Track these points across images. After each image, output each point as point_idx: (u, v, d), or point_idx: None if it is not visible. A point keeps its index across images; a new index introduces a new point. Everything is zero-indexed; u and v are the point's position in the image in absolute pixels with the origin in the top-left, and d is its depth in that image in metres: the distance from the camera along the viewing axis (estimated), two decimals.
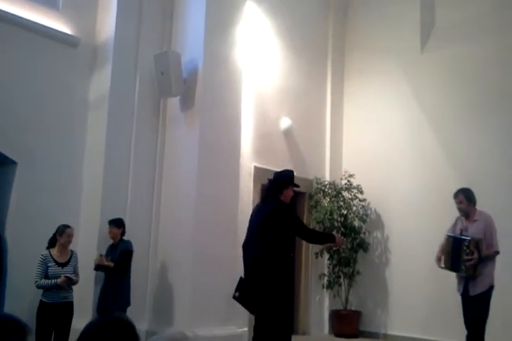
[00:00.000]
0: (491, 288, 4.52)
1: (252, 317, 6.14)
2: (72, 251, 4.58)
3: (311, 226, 7.06)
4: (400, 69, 7.08)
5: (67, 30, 5.61)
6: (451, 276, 4.67)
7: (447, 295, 5.18)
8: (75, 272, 4.51)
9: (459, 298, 4.64)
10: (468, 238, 4.49)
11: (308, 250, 7.04)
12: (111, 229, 5.15)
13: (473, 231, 4.58)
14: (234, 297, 4.31)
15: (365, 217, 7.03)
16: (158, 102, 6.04)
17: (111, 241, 5.17)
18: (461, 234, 4.62)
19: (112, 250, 5.11)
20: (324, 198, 7.05)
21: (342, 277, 6.94)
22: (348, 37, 7.81)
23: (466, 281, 4.55)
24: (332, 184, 7.14)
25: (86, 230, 5.36)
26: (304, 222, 7.09)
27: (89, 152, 5.66)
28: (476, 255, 4.42)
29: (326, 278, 6.99)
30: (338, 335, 6.70)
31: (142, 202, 5.79)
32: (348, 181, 7.13)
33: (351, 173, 7.12)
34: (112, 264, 4.93)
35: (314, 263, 7.02)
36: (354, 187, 7.09)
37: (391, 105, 7.15)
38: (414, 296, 6.36)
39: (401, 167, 6.84)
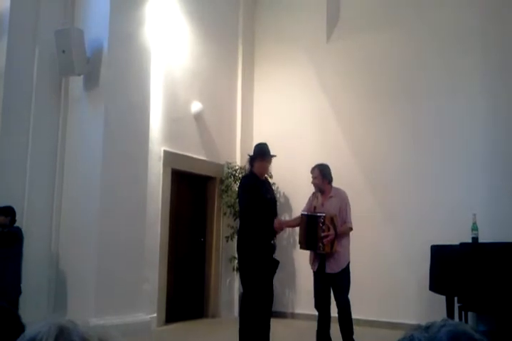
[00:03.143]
0: (348, 264, 4.62)
1: (161, 303, 6.11)
2: None
3: (222, 211, 7.11)
4: (306, 57, 7.35)
5: None
6: (353, 254, 4.81)
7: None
8: None
9: (358, 275, 4.84)
10: (323, 214, 4.51)
11: (219, 233, 7.07)
12: None
13: (329, 207, 4.63)
14: None
15: None
16: (59, 81, 5.71)
17: None
18: (315, 211, 4.66)
19: None
20: (235, 182, 7.08)
21: None
22: (258, 25, 7.96)
23: (323, 259, 4.60)
24: (243, 168, 7.18)
25: None
26: (215, 206, 7.13)
27: None
28: (332, 230, 4.45)
29: (236, 261, 7.06)
30: None
31: (42, 188, 5.48)
32: None
33: None
34: None
35: (225, 247, 7.07)
36: None
37: (299, 92, 7.38)
38: None
39: (307, 151, 7.07)
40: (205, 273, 7.02)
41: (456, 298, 4.94)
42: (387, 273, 6.28)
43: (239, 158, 7.45)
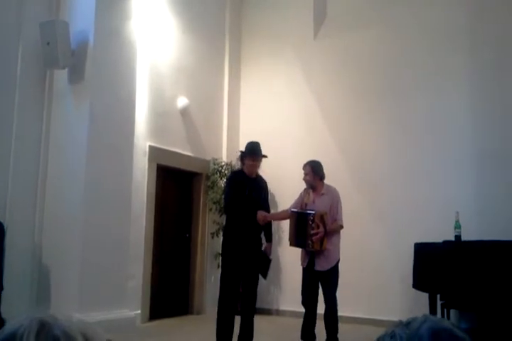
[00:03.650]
0: (338, 262, 4.67)
1: (145, 299, 6.09)
2: None
3: (207, 207, 7.09)
4: (293, 54, 7.37)
5: None
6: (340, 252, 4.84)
7: None
8: None
9: (344, 272, 4.86)
10: (313, 212, 4.52)
11: (204, 229, 7.05)
12: None
13: (320, 205, 4.64)
14: None
15: None
16: (44, 74, 5.63)
17: None
18: (305, 208, 4.67)
19: None
20: (221, 179, 7.06)
21: None
22: (245, 22, 7.96)
23: (312, 256, 4.63)
24: (229, 165, 7.17)
25: None
26: (201, 202, 7.10)
27: None
28: (321, 228, 4.46)
29: (221, 258, 7.04)
30: None
31: (25, 182, 5.40)
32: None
33: None
34: None
35: (210, 243, 7.05)
36: None
37: (286, 88, 7.38)
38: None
39: (294, 148, 7.10)
40: (190, 269, 7.00)
41: (438, 296, 4.98)
42: (373, 270, 6.32)
43: (225, 154, 7.43)
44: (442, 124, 6.24)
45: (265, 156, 4.75)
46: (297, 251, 6.82)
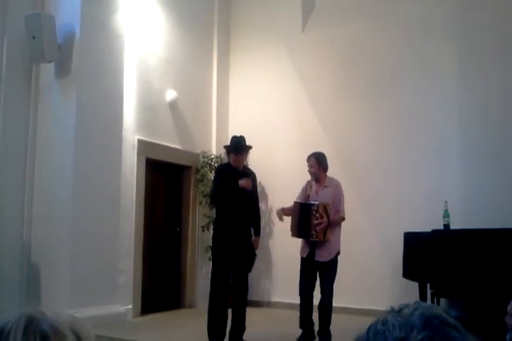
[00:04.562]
0: (338, 254, 4.75)
1: (136, 294, 6.08)
2: None
3: (197, 200, 7.07)
4: (282, 46, 7.34)
5: None
6: None
7: None
8: None
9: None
10: (317, 202, 4.60)
11: (194, 223, 7.04)
12: None
13: (323, 197, 4.72)
14: None
15: None
16: (30, 68, 5.56)
17: None
18: (308, 199, 4.74)
19: None
20: (210, 172, 7.04)
21: None
22: (233, 13, 7.91)
23: (313, 246, 4.69)
24: (218, 158, 7.15)
25: None
26: (191, 195, 7.08)
27: None
28: (325, 218, 4.55)
29: (211, 251, 7.04)
30: None
31: (13, 178, 5.35)
32: None
33: None
34: None
35: (201, 237, 7.04)
36: None
37: (274, 81, 7.37)
38: (295, 264, 6.64)
39: (283, 141, 7.12)
40: (181, 263, 7.00)
41: (428, 285, 5.03)
42: (363, 260, 6.35)
43: (214, 147, 7.40)
44: (428, 114, 6.28)
45: (250, 147, 4.78)
46: (289, 244, 6.86)
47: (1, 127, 5.27)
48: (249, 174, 4.79)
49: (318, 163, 4.80)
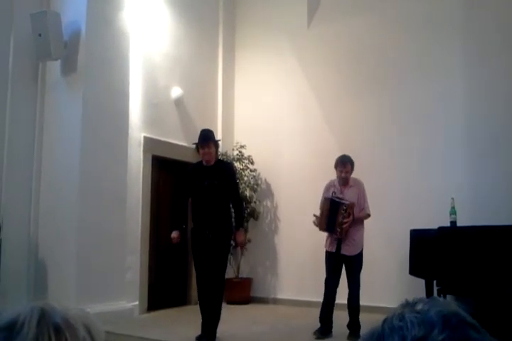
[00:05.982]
0: (362, 249, 4.93)
1: (143, 290, 6.10)
2: None
3: None
4: (288, 43, 7.33)
5: None
6: None
7: None
8: None
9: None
10: (347, 202, 4.79)
11: None
12: None
13: (348, 196, 4.89)
14: None
15: (256, 186, 7.17)
16: (36, 66, 5.58)
17: None
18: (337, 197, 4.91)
19: None
20: None
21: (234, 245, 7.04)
22: (239, 10, 7.90)
23: (339, 242, 4.87)
24: (224, 155, 7.16)
25: None
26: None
27: None
28: (351, 217, 4.75)
29: None
30: (230, 303, 6.84)
31: (20, 176, 5.38)
32: (240, 152, 7.21)
33: (242, 144, 7.22)
34: None
35: None
36: (245, 158, 7.19)
37: (280, 78, 7.35)
38: (301, 261, 6.67)
39: (289, 138, 7.11)
40: (188, 259, 7.00)
41: (435, 282, 5.02)
42: (369, 257, 6.29)
43: (220, 144, 7.38)
44: (433, 111, 6.24)
45: (218, 140, 4.82)
46: (294, 241, 6.85)
47: (8, 124, 5.29)
48: (218, 169, 4.68)
49: (352, 169, 4.96)
